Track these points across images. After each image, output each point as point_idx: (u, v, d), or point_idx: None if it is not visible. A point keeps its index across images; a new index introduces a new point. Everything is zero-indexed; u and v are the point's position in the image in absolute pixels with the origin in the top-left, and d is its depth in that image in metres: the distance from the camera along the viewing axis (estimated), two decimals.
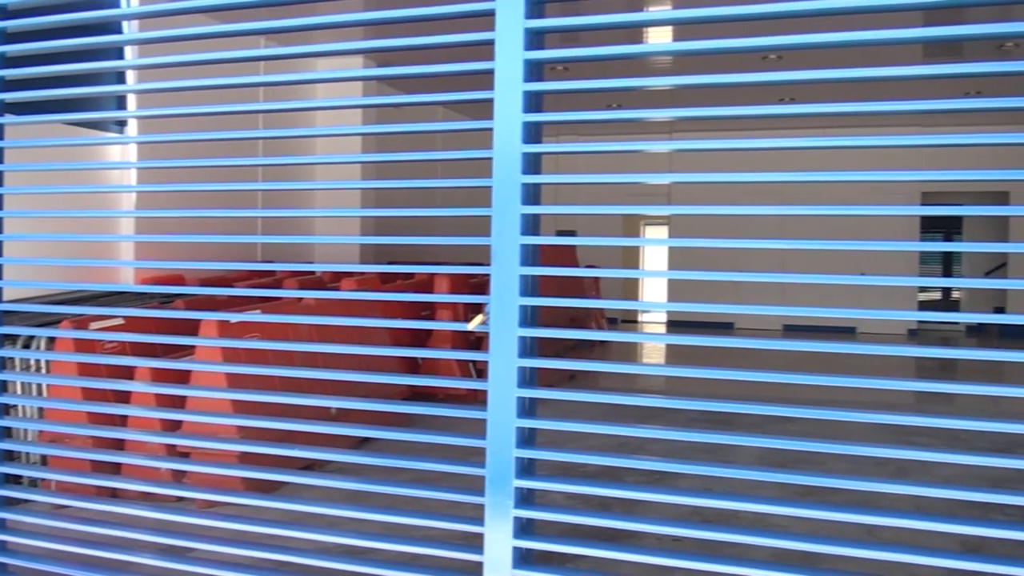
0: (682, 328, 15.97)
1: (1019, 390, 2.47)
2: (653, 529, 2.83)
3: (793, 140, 2.56)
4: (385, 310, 7.79)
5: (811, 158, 15.16)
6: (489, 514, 2.70)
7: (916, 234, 17.31)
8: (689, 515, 4.21)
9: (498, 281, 2.63)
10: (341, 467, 5.16)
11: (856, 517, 2.56)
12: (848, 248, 2.49)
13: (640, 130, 16.60)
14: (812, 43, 2.42)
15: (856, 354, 2.56)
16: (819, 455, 5.51)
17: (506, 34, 2.59)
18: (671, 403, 2.76)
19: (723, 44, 2.49)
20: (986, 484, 5.23)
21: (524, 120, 2.59)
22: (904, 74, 2.39)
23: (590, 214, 2.82)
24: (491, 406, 2.68)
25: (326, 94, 11.00)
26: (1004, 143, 2.38)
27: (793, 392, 6.54)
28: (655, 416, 7.10)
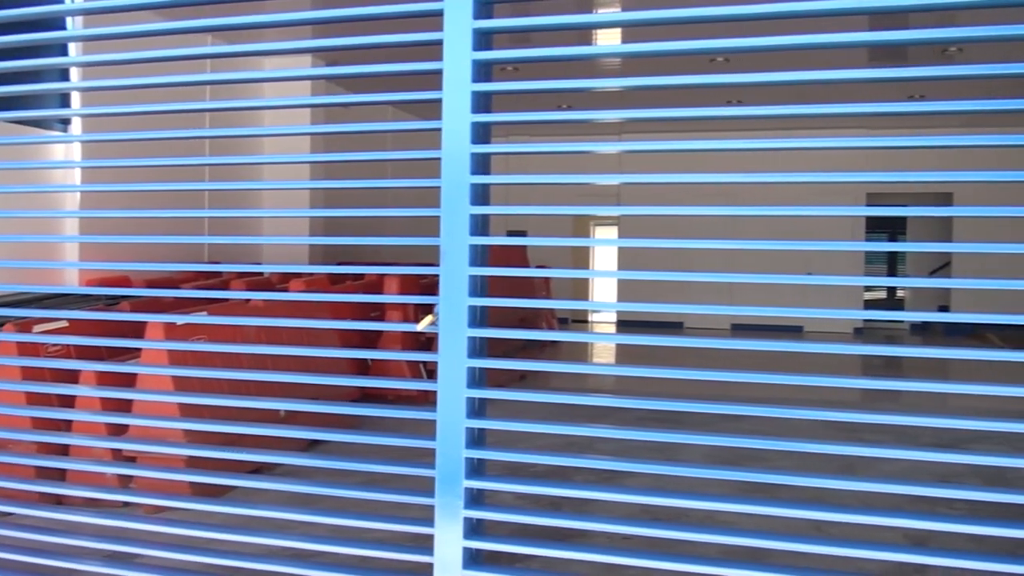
0: (632, 328, 16.10)
1: (963, 387, 2.51)
2: (603, 528, 2.84)
3: (741, 142, 2.59)
4: (334, 311, 7.74)
5: (758, 159, 15.38)
6: (439, 515, 2.69)
7: (861, 234, 17.62)
8: (639, 513, 4.23)
9: (447, 281, 2.62)
10: (290, 470, 5.12)
11: (804, 513, 2.60)
12: (795, 248, 2.52)
13: (591, 131, 16.70)
14: (759, 46, 2.44)
15: (803, 352, 2.60)
16: (767, 452, 5.56)
17: (454, 34, 2.59)
18: (621, 402, 2.77)
19: (672, 46, 2.51)
20: (932, 479, 5.33)
21: (473, 120, 2.58)
22: (850, 77, 2.43)
23: (540, 214, 2.82)
24: (440, 407, 2.67)
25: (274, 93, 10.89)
26: (947, 145, 2.42)
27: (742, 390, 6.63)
28: (605, 415, 7.13)
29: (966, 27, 2.37)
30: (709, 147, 2.63)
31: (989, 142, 2.45)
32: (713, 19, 2.47)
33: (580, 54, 2.65)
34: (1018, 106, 2.34)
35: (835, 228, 16.33)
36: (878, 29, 2.46)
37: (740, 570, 2.50)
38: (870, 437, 6.22)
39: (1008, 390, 2.46)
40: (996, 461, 2.56)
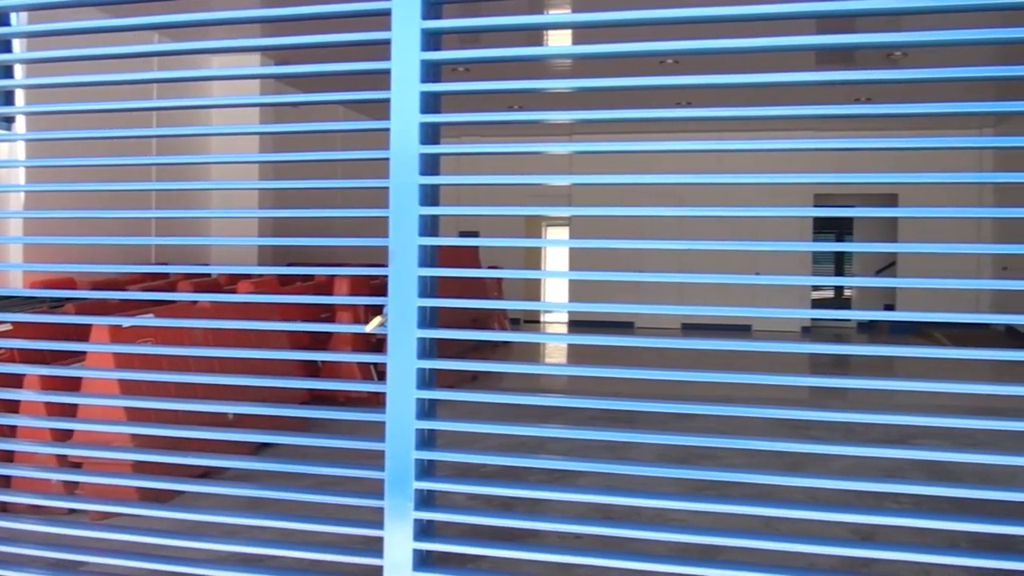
0: (584, 328, 16.17)
1: (909, 383, 2.55)
2: (554, 527, 2.84)
3: (691, 143, 2.61)
4: (283, 313, 7.66)
5: (708, 160, 15.53)
6: (389, 517, 2.67)
7: (809, 235, 17.87)
8: (591, 512, 4.24)
9: (396, 282, 2.61)
10: (239, 474, 5.06)
11: (754, 510, 2.62)
12: (744, 248, 2.54)
13: (542, 132, 16.74)
14: (709, 49, 2.46)
15: (753, 351, 2.62)
16: (718, 450, 5.63)
17: (402, 34, 2.57)
18: (572, 402, 2.78)
19: (622, 48, 2.52)
20: (879, 474, 5.45)
21: (421, 121, 2.57)
22: (798, 80, 2.46)
23: (490, 215, 2.81)
24: (390, 408, 2.66)
25: (222, 92, 10.75)
26: (893, 148, 2.46)
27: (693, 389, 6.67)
28: (557, 415, 7.15)
29: (911, 31, 2.42)
30: (659, 148, 2.65)
31: (934, 144, 2.49)
32: (663, 21, 2.49)
33: (528, 55, 2.65)
34: (961, 109, 2.39)
35: (783, 229, 16.55)
36: (826, 33, 2.49)
37: (691, 567, 2.52)
38: (818, 434, 6.30)
39: (952, 386, 2.50)
40: (940, 456, 2.61)
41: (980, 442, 6.25)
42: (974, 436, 6.33)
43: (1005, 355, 2.52)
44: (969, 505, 3.76)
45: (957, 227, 16.31)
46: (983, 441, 6.21)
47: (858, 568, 3.54)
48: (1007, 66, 2.35)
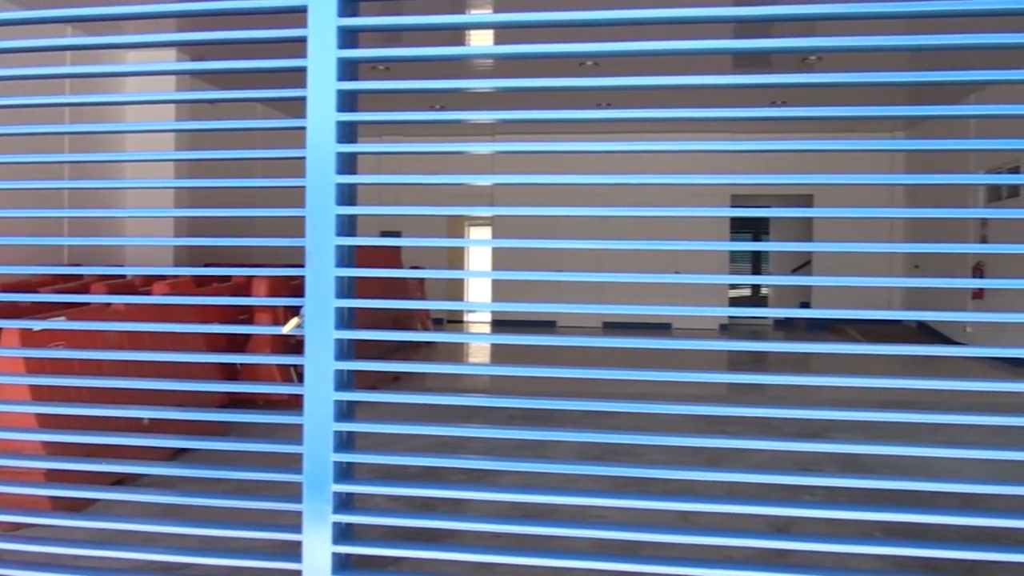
0: (506, 327, 16.20)
1: (823, 379, 2.62)
2: (474, 527, 2.84)
3: (611, 144, 2.62)
4: (200, 315, 7.51)
5: (628, 161, 15.70)
6: (307, 521, 2.63)
7: (727, 235, 18.23)
8: (511, 511, 4.25)
9: (313, 283, 2.57)
10: (155, 480, 4.94)
11: (672, 505, 2.65)
12: (663, 248, 2.57)
13: (465, 132, 16.73)
14: (628, 51, 2.49)
15: (672, 349, 2.65)
16: (638, 447, 5.70)
17: (318, 31, 2.54)
18: (492, 402, 2.78)
19: (543, 49, 2.52)
20: (795, 467, 5.56)
21: (338, 119, 2.54)
22: (715, 83, 2.49)
23: (410, 215, 2.79)
24: (307, 410, 2.62)
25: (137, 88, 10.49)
26: (808, 150, 2.52)
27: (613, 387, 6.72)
28: (478, 415, 7.15)
29: (825, 37, 2.48)
30: (581, 149, 2.65)
31: (847, 147, 2.55)
32: (583, 23, 2.50)
33: (447, 55, 2.64)
34: (874, 113, 2.45)
35: (701, 228, 16.86)
36: (743, 37, 2.53)
37: (610, 563, 2.54)
38: (736, 429, 6.42)
39: (865, 381, 2.57)
40: (853, 449, 2.68)
41: (891, 434, 6.43)
42: (886, 429, 6.51)
43: (916, 350, 2.60)
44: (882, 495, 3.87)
45: (870, 227, 16.81)
46: (894, 433, 6.39)
47: (774, 560, 3.61)
48: (917, 72, 2.42)
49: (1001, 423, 2.47)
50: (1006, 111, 2.48)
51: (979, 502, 4.31)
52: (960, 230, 13.50)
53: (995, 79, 2.47)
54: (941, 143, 2.54)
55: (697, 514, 3.78)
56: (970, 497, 4.23)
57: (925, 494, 2.53)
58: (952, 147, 2.55)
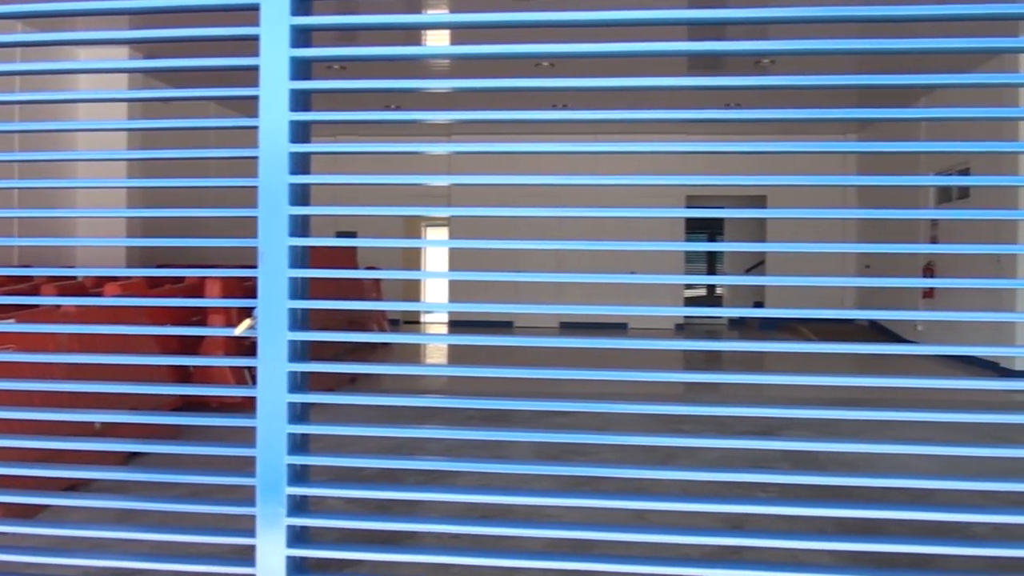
0: (463, 328, 16.19)
1: (776, 377, 2.64)
2: (430, 528, 2.83)
3: (567, 144, 2.62)
4: (153, 317, 7.41)
5: (585, 162, 15.77)
6: (261, 524, 2.60)
7: (682, 235, 18.39)
8: (467, 512, 4.24)
9: (266, 284, 2.54)
10: (108, 485, 4.87)
11: (627, 503, 2.67)
12: (620, 248, 2.58)
13: (421, 132, 16.68)
14: (584, 52, 2.49)
15: (628, 349, 2.67)
16: (593, 446, 5.73)
17: (271, 30, 2.51)
18: (448, 402, 2.77)
19: (498, 49, 2.52)
20: (748, 465, 5.62)
21: (291, 119, 2.51)
22: (670, 85, 2.51)
23: (366, 215, 2.77)
24: (260, 413, 2.59)
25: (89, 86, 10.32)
26: (762, 151, 2.55)
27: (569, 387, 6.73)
28: (435, 415, 7.13)
29: (778, 40, 2.50)
30: (537, 149, 2.66)
31: (800, 148, 2.59)
32: (540, 24, 2.50)
33: (401, 54, 2.62)
34: (827, 115, 2.48)
35: (657, 229, 16.98)
36: (697, 40, 2.55)
37: (564, 562, 2.54)
38: (690, 428, 6.47)
39: (817, 379, 2.60)
40: (806, 446, 2.71)
41: (844, 431, 6.52)
42: (838, 426, 6.60)
43: (868, 349, 2.64)
44: (834, 491, 3.93)
45: (823, 228, 17.03)
46: (847, 430, 6.48)
47: (728, 556, 3.64)
48: (868, 75, 2.45)
49: (951, 419, 2.52)
50: (956, 114, 2.53)
51: (929, 497, 4.38)
52: (911, 231, 13.73)
53: (945, 83, 2.52)
54: (892, 145, 2.58)
55: (651, 512, 3.81)
56: (921, 492, 4.30)
57: (876, 490, 2.58)
58: (903, 149, 2.59)
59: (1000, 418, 2.60)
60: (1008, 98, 9.67)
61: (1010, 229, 9.88)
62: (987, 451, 2.58)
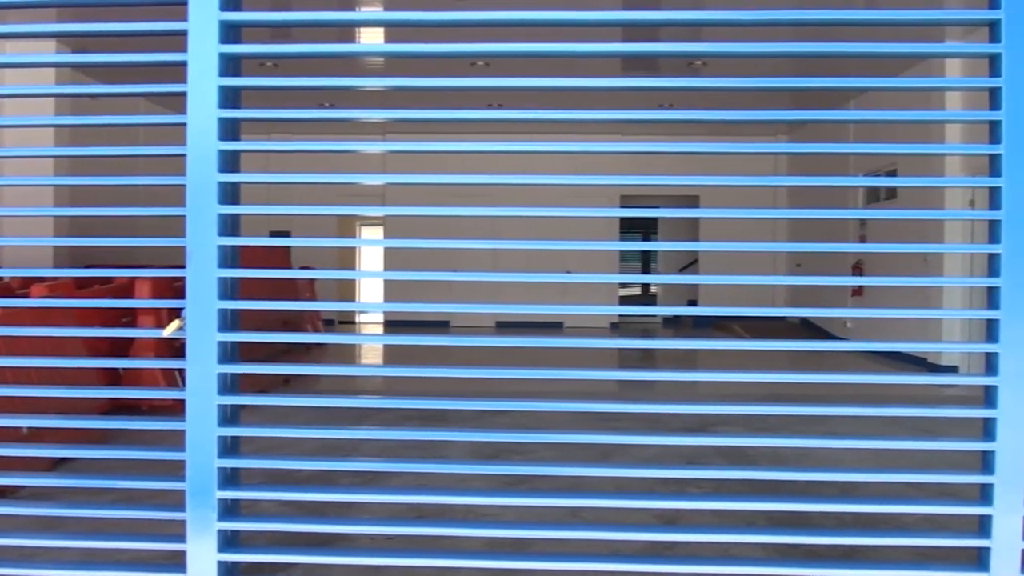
0: (399, 328, 16.11)
1: (709, 374, 2.67)
2: (365, 530, 2.81)
3: (503, 144, 2.63)
4: (81, 318, 7.23)
5: (520, 161, 15.79)
6: (191, 529, 2.56)
7: (616, 235, 18.52)
8: (404, 512, 4.22)
9: (194, 284, 2.50)
10: (34, 492, 4.73)
11: (562, 501, 2.68)
12: (555, 248, 2.59)
13: (355, 130, 16.53)
14: (519, 52, 2.50)
15: (564, 347, 2.68)
16: (529, 445, 5.73)
17: (199, 25, 2.46)
18: (385, 403, 2.75)
19: (433, 48, 2.51)
20: (682, 461, 5.68)
21: (220, 116, 2.47)
22: (605, 85, 2.53)
23: (299, 214, 2.74)
24: (190, 415, 2.54)
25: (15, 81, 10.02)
26: (695, 152, 2.58)
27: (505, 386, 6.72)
28: (371, 416, 7.07)
29: (711, 43, 2.54)
30: (473, 149, 2.66)
31: (733, 149, 2.62)
32: (475, 23, 2.50)
33: (332, 51, 2.60)
34: (758, 117, 2.52)
35: (592, 229, 17.07)
36: (631, 41, 2.57)
37: (500, 560, 2.54)
38: (625, 425, 6.51)
39: (749, 376, 2.64)
40: (738, 441, 2.75)
41: (775, 426, 6.62)
42: (770, 421, 6.70)
43: (799, 345, 2.70)
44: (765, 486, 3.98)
45: (754, 227, 17.28)
46: (778, 426, 6.58)
47: (661, 552, 3.66)
48: (799, 77, 2.49)
49: (878, 414, 2.58)
50: (884, 117, 2.60)
51: (857, 489, 4.47)
52: (840, 230, 14.00)
53: (873, 86, 2.58)
54: (822, 147, 2.63)
55: (586, 509, 3.82)
56: (848, 485, 4.39)
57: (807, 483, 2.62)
58: (833, 150, 2.64)
59: (927, 412, 2.67)
60: (934, 101, 9.91)
61: (936, 228, 10.13)
62: (915, 444, 2.65)
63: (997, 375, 2.48)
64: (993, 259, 2.48)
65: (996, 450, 2.48)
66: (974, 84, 2.56)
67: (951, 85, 3.27)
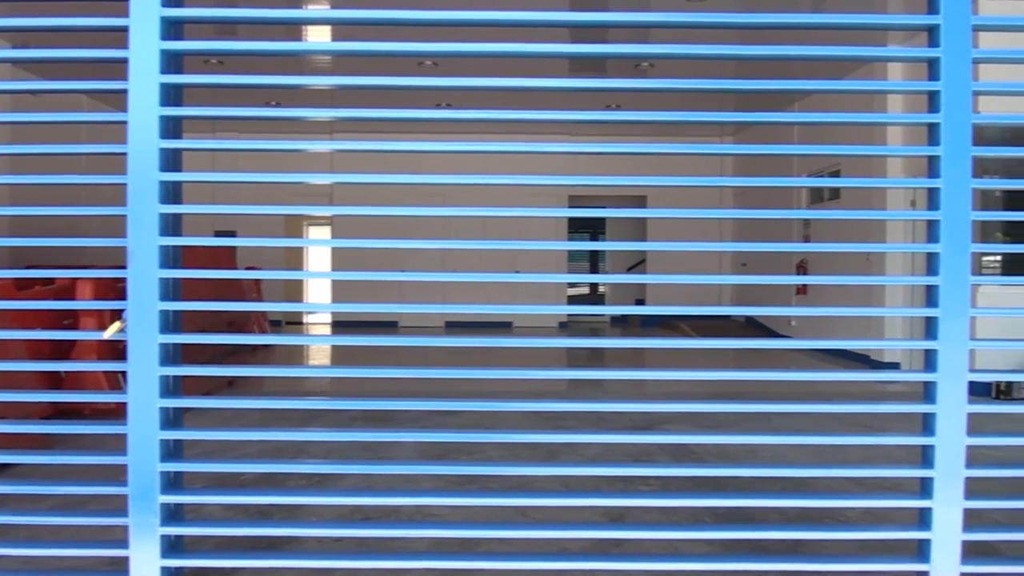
0: (347, 328, 16.00)
1: (658, 373, 2.69)
2: (312, 532, 2.78)
3: (452, 144, 2.62)
4: (21, 320, 7.06)
5: (469, 162, 15.78)
6: (134, 534, 2.51)
7: (565, 235, 18.57)
8: (351, 514, 4.18)
9: (136, 285, 2.45)
10: None
11: (510, 501, 2.68)
12: (504, 247, 2.59)
13: (302, 129, 16.39)
14: (467, 52, 2.49)
15: (513, 347, 2.68)
16: (477, 445, 5.72)
17: (141, 21, 2.42)
18: (332, 404, 2.73)
19: (381, 47, 2.49)
20: (628, 459, 5.71)
21: (161, 114, 2.43)
22: (553, 86, 2.54)
23: (244, 214, 2.70)
24: (131, 419, 2.49)
25: None
26: (643, 152, 2.60)
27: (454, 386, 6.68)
28: (318, 417, 7.00)
29: (658, 44, 2.56)
30: (422, 148, 2.65)
31: (679, 150, 2.64)
32: (423, 23, 2.49)
33: (276, 49, 2.57)
34: (705, 118, 2.55)
35: (541, 228, 17.12)
36: (579, 42, 2.58)
37: (448, 561, 2.53)
38: (572, 424, 6.54)
39: (696, 374, 2.66)
40: (684, 439, 2.78)
41: (720, 424, 6.69)
42: (716, 419, 6.76)
43: (744, 344, 2.73)
44: (711, 482, 4.02)
45: (701, 227, 17.46)
46: (723, 423, 6.65)
47: (608, 549, 3.68)
48: (745, 80, 2.52)
49: (822, 410, 2.62)
50: (827, 118, 2.64)
51: (801, 485, 4.53)
52: (785, 230, 14.20)
53: (817, 88, 2.62)
54: (767, 148, 2.67)
55: (534, 508, 3.83)
56: (793, 480, 4.44)
57: (753, 480, 2.65)
58: (778, 151, 2.68)
59: (870, 408, 2.72)
60: (877, 104, 10.10)
61: (879, 228, 10.32)
62: (858, 440, 2.69)
63: (936, 371, 2.53)
64: (932, 258, 2.54)
65: (936, 445, 2.53)
66: (914, 87, 2.62)
67: (892, 88, 3.34)
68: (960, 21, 2.47)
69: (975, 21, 2.48)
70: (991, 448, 2.69)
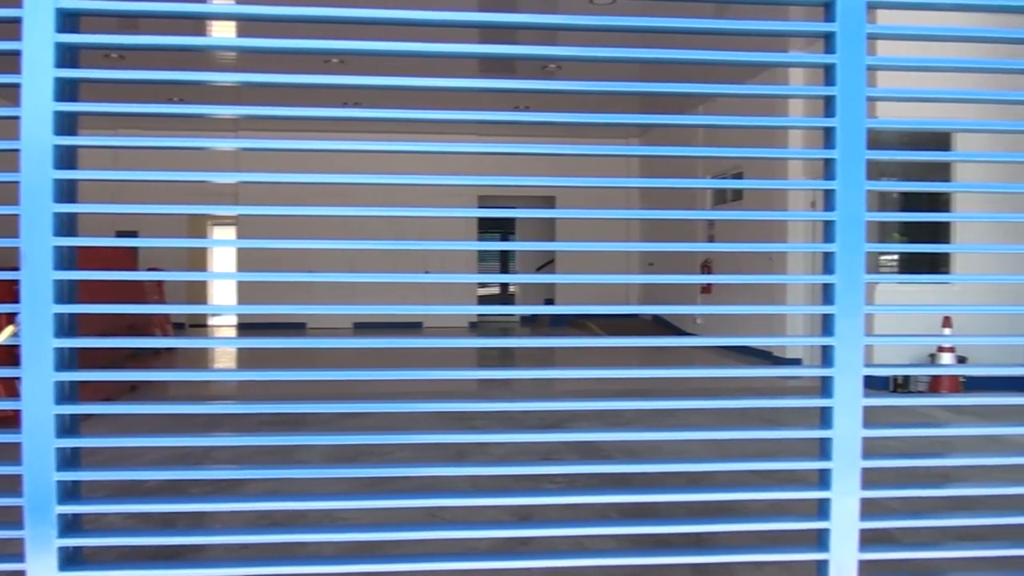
0: (254, 331, 15.74)
1: (567, 372, 2.72)
2: (217, 540, 2.72)
3: (360, 143, 2.60)
4: None
5: (377, 161, 15.68)
6: (30, 548, 2.41)
7: (474, 235, 18.61)
8: (258, 520, 4.11)
9: (29, 287, 2.36)
10: None
11: (419, 502, 2.67)
12: (414, 248, 2.58)
13: (206, 127, 16.04)
14: (375, 50, 2.47)
15: (423, 347, 2.67)
16: (387, 446, 5.69)
17: (35, 12, 2.33)
18: (239, 408, 2.68)
19: (287, 44, 2.45)
20: (536, 458, 5.74)
21: (56, 109, 2.34)
22: (462, 86, 2.54)
23: (146, 213, 2.64)
24: (26, 427, 2.40)
25: None
26: (551, 153, 2.62)
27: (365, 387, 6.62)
28: (225, 422, 6.87)
29: (565, 47, 2.58)
30: (328, 147, 2.62)
31: (587, 151, 2.67)
32: (330, 20, 2.46)
33: (177, 44, 2.49)
34: (612, 120, 2.58)
35: (450, 228, 17.12)
36: (488, 43, 2.59)
37: (358, 564, 2.51)
38: (481, 423, 6.54)
39: (604, 372, 2.69)
40: (590, 436, 2.81)
41: (628, 421, 6.78)
42: (623, 415, 6.85)
43: (651, 342, 2.78)
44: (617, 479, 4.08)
45: (608, 227, 17.69)
46: (631, 420, 6.74)
47: (516, 547, 3.70)
48: (649, 82, 2.56)
49: (726, 406, 2.69)
50: (731, 122, 2.71)
51: (705, 479, 4.62)
52: (690, 231, 14.48)
53: (721, 92, 2.68)
54: (673, 150, 2.71)
55: (444, 509, 3.83)
56: (697, 474, 4.53)
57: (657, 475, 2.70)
58: (683, 154, 2.73)
59: (771, 403, 2.79)
60: (778, 108, 10.37)
61: (780, 229, 10.61)
62: (759, 433, 2.77)
63: (833, 367, 2.61)
64: (828, 258, 2.62)
65: (833, 437, 2.62)
66: (811, 92, 2.70)
67: (791, 93, 3.44)
68: (855, 29, 2.56)
69: (870, 29, 2.57)
70: (888, 439, 2.79)
